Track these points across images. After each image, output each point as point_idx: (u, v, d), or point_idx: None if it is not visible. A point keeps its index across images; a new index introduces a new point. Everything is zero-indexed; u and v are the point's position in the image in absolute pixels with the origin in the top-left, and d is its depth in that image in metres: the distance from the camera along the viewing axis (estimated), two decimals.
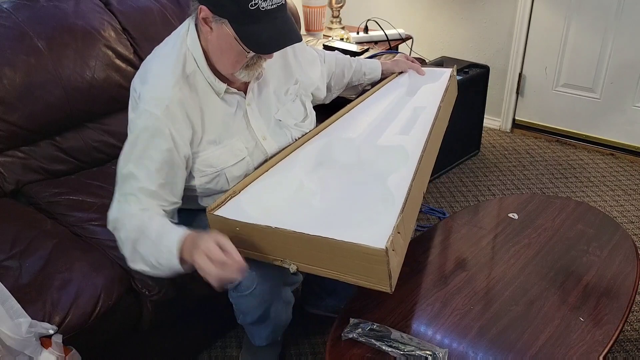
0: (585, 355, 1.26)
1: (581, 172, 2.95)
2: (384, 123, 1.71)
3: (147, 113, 1.36)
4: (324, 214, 1.39)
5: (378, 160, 1.56)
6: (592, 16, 2.93)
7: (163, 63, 1.43)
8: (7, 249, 1.51)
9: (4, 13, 1.84)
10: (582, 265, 1.54)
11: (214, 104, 1.45)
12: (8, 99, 1.76)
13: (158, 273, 1.34)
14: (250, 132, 1.52)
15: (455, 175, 2.91)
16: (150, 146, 1.36)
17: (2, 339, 1.23)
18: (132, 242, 1.32)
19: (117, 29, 2.04)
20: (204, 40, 1.41)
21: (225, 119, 1.47)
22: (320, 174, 1.55)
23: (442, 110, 1.75)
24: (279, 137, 1.58)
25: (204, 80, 1.43)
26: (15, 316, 1.26)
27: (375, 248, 1.17)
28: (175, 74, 1.39)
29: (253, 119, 1.53)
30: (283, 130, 1.59)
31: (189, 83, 1.41)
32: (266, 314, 1.52)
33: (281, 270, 1.45)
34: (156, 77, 1.41)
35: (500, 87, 3.28)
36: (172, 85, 1.38)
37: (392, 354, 1.24)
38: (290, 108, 1.62)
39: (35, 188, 1.83)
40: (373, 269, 1.20)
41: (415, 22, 3.38)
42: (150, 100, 1.37)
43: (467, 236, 1.67)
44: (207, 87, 1.44)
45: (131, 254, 1.34)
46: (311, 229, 1.24)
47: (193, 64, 1.42)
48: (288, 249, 1.29)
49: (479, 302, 1.41)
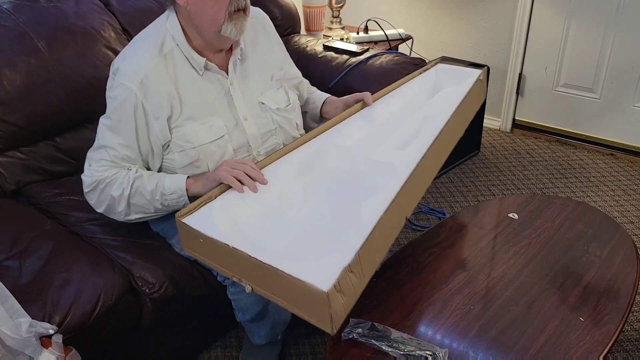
0: (585, 355, 1.26)
1: (581, 172, 2.95)
2: (388, 132, 1.65)
3: (122, 86, 1.44)
4: (291, 231, 1.35)
5: (366, 176, 1.50)
6: (592, 16, 2.93)
7: (140, 43, 1.51)
8: (7, 249, 1.51)
9: (4, 13, 1.84)
10: (582, 265, 1.54)
11: (194, 81, 1.50)
12: (8, 100, 1.76)
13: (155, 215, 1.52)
14: (232, 111, 1.55)
15: (455, 175, 2.91)
16: (124, 118, 1.44)
17: (2, 338, 1.23)
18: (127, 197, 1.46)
19: (117, 29, 2.04)
20: (183, 19, 1.47)
21: (206, 96, 1.51)
22: (304, 183, 1.49)
23: (454, 119, 1.67)
24: (260, 119, 1.60)
25: (182, 57, 1.49)
26: (15, 316, 1.26)
27: (318, 289, 1.09)
28: (152, 51, 1.46)
29: (236, 99, 1.56)
30: (265, 114, 1.61)
31: (166, 60, 1.47)
32: (265, 310, 1.52)
33: None
34: (133, 54, 1.48)
35: (500, 87, 3.28)
36: (148, 61, 1.45)
37: (392, 354, 1.24)
38: (274, 94, 1.64)
39: (35, 188, 1.83)
40: (315, 308, 1.14)
41: (415, 22, 3.38)
42: (125, 74, 1.44)
43: (467, 236, 1.67)
44: (186, 64, 1.49)
45: (126, 208, 1.48)
46: (266, 254, 1.19)
47: (171, 42, 1.48)
48: (243, 270, 1.25)
49: (479, 302, 1.41)
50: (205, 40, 1.49)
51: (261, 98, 1.61)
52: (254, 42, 1.64)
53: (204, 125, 1.51)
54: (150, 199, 1.47)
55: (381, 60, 2.44)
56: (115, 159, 1.47)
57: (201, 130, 1.50)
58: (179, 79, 1.48)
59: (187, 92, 1.49)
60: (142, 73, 1.43)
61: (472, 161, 3.04)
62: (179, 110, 1.48)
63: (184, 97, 1.48)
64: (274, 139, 1.63)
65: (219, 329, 1.91)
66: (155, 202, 1.47)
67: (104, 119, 1.50)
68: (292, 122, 1.68)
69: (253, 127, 1.58)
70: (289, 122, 1.66)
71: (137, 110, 1.44)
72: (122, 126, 1.46)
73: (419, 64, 2.40)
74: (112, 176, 1.47)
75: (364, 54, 2.51)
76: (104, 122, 1.50)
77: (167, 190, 1.46)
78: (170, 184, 1.46)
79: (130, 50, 1.51)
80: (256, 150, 1.60)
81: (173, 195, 1.46)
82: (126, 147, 1.47)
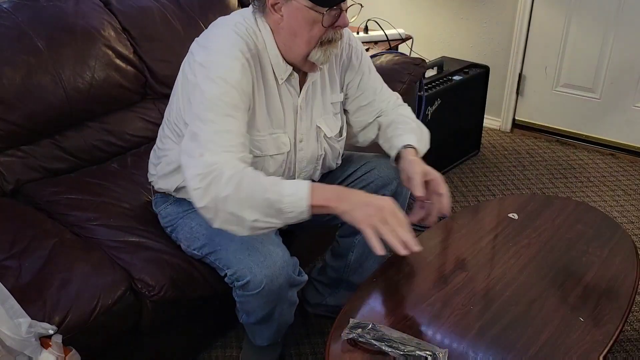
0: (585, 355, 1.26)
1: (581, 172, 2.94)
2: None
3: (221, 81, 1.32)
4: None
5: None
6: (592, 16, 2.93)
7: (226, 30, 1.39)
8: (7, 249, 1.50)
9: (4, 13, 1.84)
10: (582, 265, 1.54)
11: (271, 89, 1.44)
12: (8, 99, 1.76)
13: (272, 222, 1.30)
14: (294, 130, 1.52)
15: (455, 175, 2.91)
16: (231, 104, 1.32)
17: (1, 339, 1.23)
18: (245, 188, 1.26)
19: (117, 28, 2.04)
20: (275, 29, 1.40)
21: (279, 107, 1.47)
22: None
23: None
24: (312, 144, 1.57)
25: (268, 62, 1.42)
26: (15, 316, 1.26)
27: None
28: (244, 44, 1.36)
29: (300, 119, 1.52)
30: (318, 140, 1.58)
31: (253, 60, 1.38)
32: (270, 314, 1.52)
33: (289, 272, 1.45)
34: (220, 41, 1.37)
35: (500, 87, 3.28)
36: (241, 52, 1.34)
37: (392, 354, 1.24)
38: (331, 120, 1.60)
39: (34, 187, 1.83)
40: None
41: (415, 22, 3.38)
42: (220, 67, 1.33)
43: (467, 236, 1.67)
44: (269, 69, 1.43)
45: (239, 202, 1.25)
46: None
47: (262, 42, 1.41)
48: None
49: (479, 302, 1.41)
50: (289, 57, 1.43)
51: (319, 122, 1.57)
52: (331, 66, 1.58)
53: (271, 136, 1.46)
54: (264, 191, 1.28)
55: (381, 60, 2.43)
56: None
57: (269, 140, 1.46)
58: (262, 82, 1.42)
59: (264, 97, 1.43)
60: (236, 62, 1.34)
61: (472, 161, 3.04)
62: (253, 114, 1.42)
63: (259, 102, 1.42)
64: (314, 165, 1.61)
65: (219, 329, 1.91)
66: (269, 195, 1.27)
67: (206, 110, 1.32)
68: (336, 151, 1.64)
69: (305, 150, 1.55)
70: (334, 151, 1.63)
71: (243, 97, 1.34)
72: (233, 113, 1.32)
73: (419, 64, 2.40)
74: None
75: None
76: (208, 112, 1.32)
77: (286, 191, 1.27)
78: (289, 185, 1.29)
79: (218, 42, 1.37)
80: (298, 173, 1.57)
81: (291, 198, 1.27)
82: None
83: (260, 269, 1.39)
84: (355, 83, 1.65)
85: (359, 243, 1.74)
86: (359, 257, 1.77)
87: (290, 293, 1.52)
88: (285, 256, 1.45)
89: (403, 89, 2.31)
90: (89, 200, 1.76)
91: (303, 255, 1.94)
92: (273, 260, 1.41)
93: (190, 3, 2.25)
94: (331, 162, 1.67)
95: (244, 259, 1.41)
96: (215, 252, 1.50)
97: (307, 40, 1.37)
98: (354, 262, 1.78)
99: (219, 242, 1.49)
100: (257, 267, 1.40)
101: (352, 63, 1.63)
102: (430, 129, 2.67)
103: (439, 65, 2.80)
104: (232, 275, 1.45)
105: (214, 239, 1.50)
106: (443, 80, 2.73)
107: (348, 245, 1.77)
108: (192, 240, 1.55)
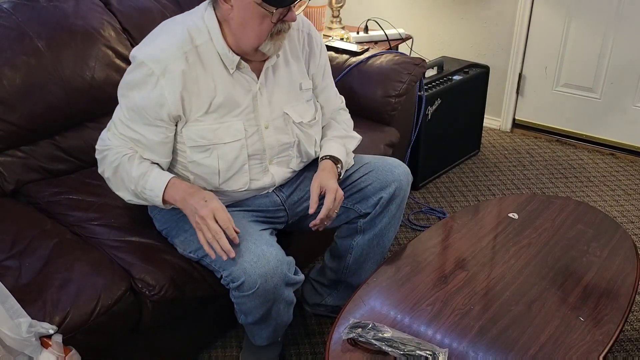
0: (585, 355, 1.26)
1: (581, 172, 2.95)
2: None
3: (145, 67, 1.41)
4: None
5: None
6: (592, 16, 2.93)
7: (171, 26, 1.47)
8: (7, 249, 1.51)
9: (4, 13, 1.84)
10: (582, 265, 1.54)
11: (222, 79, 1.47)
12: (8, 99, 1.76)
13: (145, 203, 1.51)
14: (255, 117, 1.53)
15: (455, 175, 2.91)
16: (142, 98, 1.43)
17: (2, 339, 1.23)
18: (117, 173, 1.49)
19: (117, 29, 2.04)
20: (224, 20, 1.44)
21: (231, 95, 1.49)
22: None
23: None
24: (280, 130, 1.58)
25: (214, 53, 1.46)
26: (15, 316, 1.26)
27: None
28: (183, 39, 1.43)
29: (261, 105, 1.53)
30: (287, 126, 1.59)
31: (197, 53, 1.44)
32: (268, 314, 1.52)
33: (284, 271, 1.45)
34: (161, 42, 1.44)
35: (500, 87, 3.28)
36: (176, 51, 1.42)
37: (392, 354, 1.24)
38: (301, 105, 1.61)
39: (35, 187, 1.83)
40: None
41: (415, 22, 3.38)
42: (150, 58, 1.41)
43: (467, 236, 1.67)
44: (217, 60, 1.46)
45: (115, 183, 1.51)
46: None
47: (206, 36, 1.45)
48: None
49: (479, 302, 1.41)
50: (239, 48, 1.46)
51: (286, 108, 1.58)
52: (294, 52, 1.60)
53: (223, 125, 1.49)
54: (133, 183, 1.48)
55: (381, 60, 2.43)
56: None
57: (219, 129, 1.48)
58: (207, 74, 1.45)
59: (212, 89, 1.46)
60: (167, 61, 1.40)
61: (472, 161, 3.04)
62: (198, 105, 1.46)
63: (206, 94, 1.46)
64: (289, 152, 1.62)
65: (219, 329, 1.91)
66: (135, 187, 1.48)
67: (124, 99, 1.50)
68: (311, 138, 1.65)
69: (272, 136, 1.56)
70: (308, 137, 1.64)
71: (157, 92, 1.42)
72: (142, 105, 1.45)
73: (419, 63, 2.40)
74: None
75: (364, 54, 2.51)
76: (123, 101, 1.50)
77: (147, 186, 1.45)
78: (152, 180, 1.45)
79: (158, 40, 1.46)
80: (269, 159, 1.58)
81: (151, 193, 1.46)
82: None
83: (254, 269, 1.40)
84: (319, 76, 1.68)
85: (357, 245, 1.74)
86: (357, 259, 1.77)
87: (286, 292, 1.52)
88: (279, 255, 1.45)
89: (403, 89, 2.31)
90: (89, 201, 1.76)
91: (302, 256, 1.94)
92: (267, 260, 1.42)
93: (190, 3, 2.25)
94: (308, 150, 1.65)
95: (237, 260, 1.42)
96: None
97: (257, 34, 1.41)
98: (352, 264, 1.78)
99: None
100: (251, 267, 1.40)
101: (313, 52, 1.65)
102: (430, 129, 2.71)
103: (439, 65, 2.80)
104: (227, 277, 1.46)
105: None
106: (443, 80, 2.73)
107: (346, 247, 1.77)
108: (187, 244, 1.56)
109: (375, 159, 1.74)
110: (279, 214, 1.67)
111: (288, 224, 1.71)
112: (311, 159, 1.70)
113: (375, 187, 1.67)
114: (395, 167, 1.70)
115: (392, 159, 1.76)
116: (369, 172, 1.69)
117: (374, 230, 1.71)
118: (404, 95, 2.33)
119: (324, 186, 1.56)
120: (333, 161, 1.63)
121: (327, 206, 1.54)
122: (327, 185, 1.55)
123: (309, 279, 1.96)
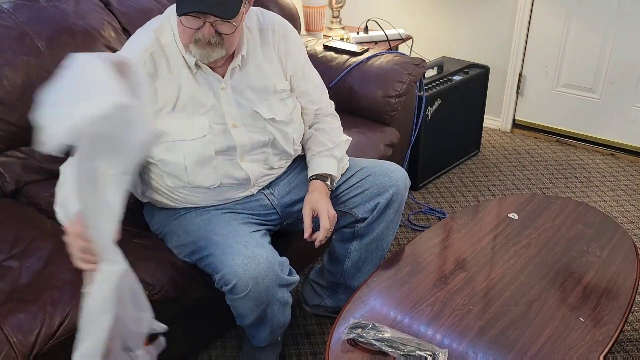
0: (585, 355, 1.26)
1: (581, 172, 2.95)
2: None
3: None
4: None
5: None
6: (592, 16, 2.93)
7: (141, 32, 1.52)
8: (7, 249, 1.51)
9: (4, 13, 1.84)
10: (582, 265, 1.54)
11: (186, 79, 1.50)
12: (8, 100, 1.76)
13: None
14: (220, 115, 1.53)
15: (455, 175, 2.91)
16: None
17: (124, 332, 1.22)
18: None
19: (117, 29, 2.04)
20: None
21: (195, 94, 1.51)
22: None
23: None
24: (252, 128, 1.57)
25: (178, 53, 1.49)
26: (138, 309, 1.24)
27: None
28: (149, 41, 1.47)
29: (226, 104, 1.54)
30: (258, 123, 1.58)
31: (163, 51, 1.48)
32: (263, 315, 1.52)
33: (275, 272, 1.45)
34: (131, 41, 1.51)
35: (500, 87, 3.28)
36: (142, 54, 1.46)
37: (392, 354, 1.24)
38: (275, 104, 1.60)
39: (35, 188, 1.83)
40: None
41: (415, 22, 3.38)
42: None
43: (467, 236, 1.67)
44: (181, 61, 1.49)
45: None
46: None
47: (170, 36, 1.49)
48: None
49: (479, 302, 1.41)
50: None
51: (257, 107, 1.57)
52: (267, 54, 1.59)
53: (186, 122, 1.50)
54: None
55: (381, 60, 2.44)
56: None
57: (183, 127, 1.49)
58: (172, 72, 1.48)
59: (176, 87, 1.48)
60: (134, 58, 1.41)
61: (472, 161, 3.04)
62: (161, 103, 1.48)
63: (171, 91, 1.48)
64: (264, 149, 1.61)
65: (219, 329, 1.91)
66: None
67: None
68: (288, 136, 1.63)
69: (243, 135, 1.56)
70: (284, 135, 1.62)
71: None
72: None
73: (419, 64, 2.40)
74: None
75: (364, 54, 2.51)
76: None
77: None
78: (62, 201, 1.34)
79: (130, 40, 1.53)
80: (240, 156, 1.57)
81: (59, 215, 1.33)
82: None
83: (244, 272, 1.41)
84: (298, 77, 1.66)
85: (355, 250, 1.74)
86: (356, 263, 1.76)
87: (280, 293, 1.51)
88: (270, 257, 1.45)
89: (403, 89, 2.31)
90: None
91: (302, 256, 1.94)
92: (257, 262, 1.42)
93: None
94: (285, 147, 1.64)
95: (228, 263, 1.42)
96: (203, 258, 1.52)
97: (182, 37, 1.44)
98: (350, 267, 1.78)
99: (205, 248, 1.50)
100: (242, 270, 1.41)
101: (290, 54, 1.63)
102: (430, 129, 2.71)
103: (439, 65, 2.80)
104: (219, 280, 1.46)
105: (200, 245, 1.52)
106: (443, 80, 2.73)
107: (344, 251, 1.77)
108: (181, 248, 1.57)
109: (372, 163, 1.74)
110: (271, 217, 1.67)
111: (283, 225, 1.71)
112: (291, 157, 1.70)
113: (373, 192, 1.67)
114: (392, 172, 1.69)
115: (389, 163, 1.76)
116: (366, 177, 1.69)
117: (372, 235, 1.71)
118: (404, 95, 2.33)
119: (315, 209, 1.58)
120: (321, 179, 1.63)
121: (324, 227, 1.55)
122: (318, 208, 1.57)
123: (309, 280, 1.96)
